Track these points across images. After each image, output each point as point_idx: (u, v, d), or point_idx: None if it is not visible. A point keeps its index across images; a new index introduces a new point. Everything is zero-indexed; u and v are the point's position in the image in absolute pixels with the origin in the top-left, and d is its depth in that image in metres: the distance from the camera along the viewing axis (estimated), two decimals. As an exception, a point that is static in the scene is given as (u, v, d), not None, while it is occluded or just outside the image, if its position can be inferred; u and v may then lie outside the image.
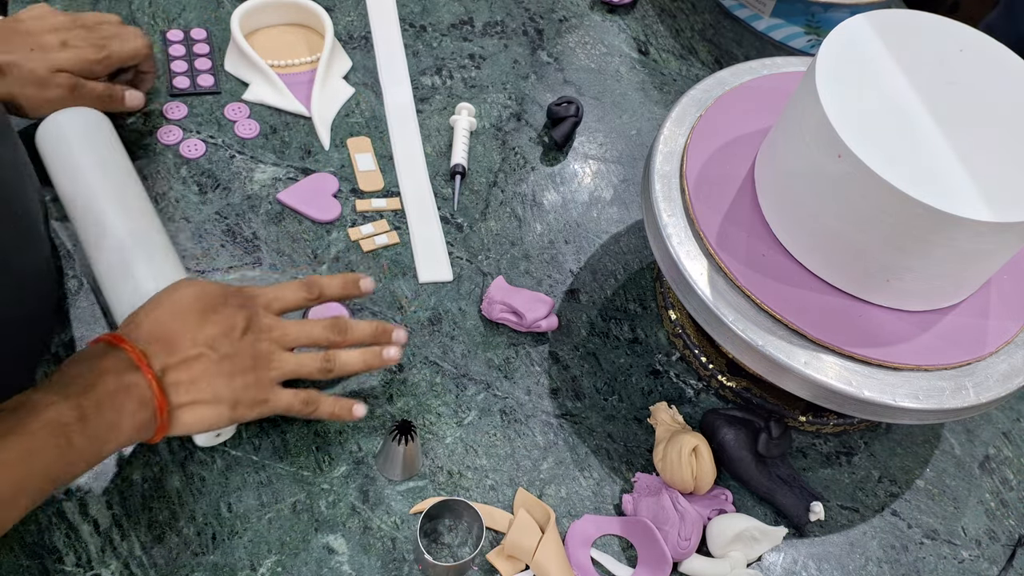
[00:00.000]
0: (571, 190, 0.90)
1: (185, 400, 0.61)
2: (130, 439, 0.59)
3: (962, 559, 0.75)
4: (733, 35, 1.08)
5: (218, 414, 0.62)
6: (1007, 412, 0.84)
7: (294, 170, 0.86)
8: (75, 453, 0.56)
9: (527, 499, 0.71)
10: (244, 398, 0.63)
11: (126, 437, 0.59)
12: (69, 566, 0.64)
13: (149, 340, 0.61)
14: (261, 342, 0.65)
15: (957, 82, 0.64)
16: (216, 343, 0.62)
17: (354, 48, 0.96)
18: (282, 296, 0.68)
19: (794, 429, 0.79)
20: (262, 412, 0.65)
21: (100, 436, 0.57)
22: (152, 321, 0.62)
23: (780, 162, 0.68)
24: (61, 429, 0.54)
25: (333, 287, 0.69)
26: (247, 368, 0.63)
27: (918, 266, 0.63)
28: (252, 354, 0.64)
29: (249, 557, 0.66)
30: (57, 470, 0.55)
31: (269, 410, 0.65)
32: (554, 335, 0.80)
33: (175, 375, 0.61)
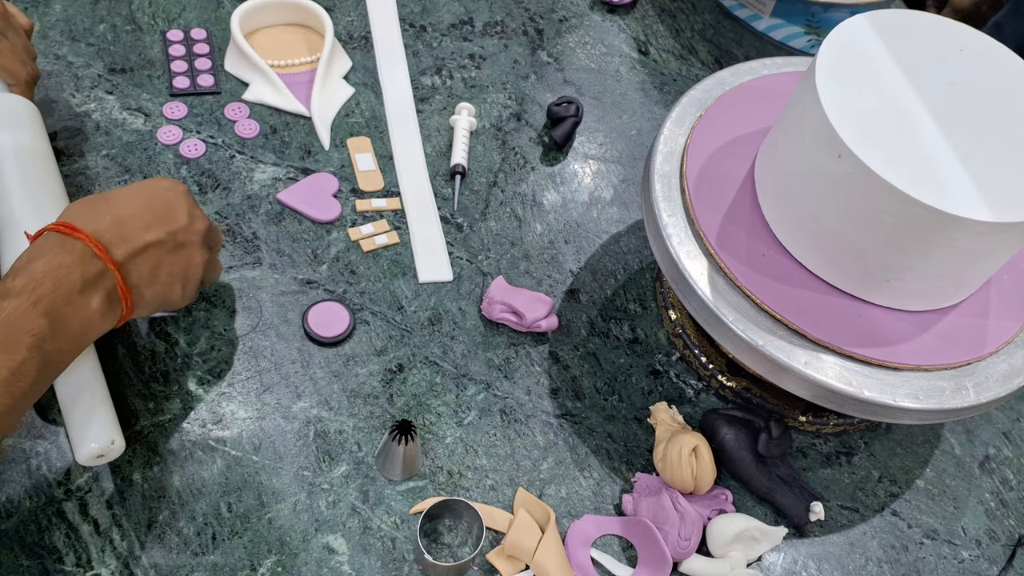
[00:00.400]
0: (571, 190, 0.90)
1: (142, 284, 0.63)
2: (101, 330, 0.60)
3: (962, 559, 0.75)
4: (733, 35, 1.08)
5: (172, 292, 0.65)
6: (1007, 412, 0.84)
7: (294, 170, 0.86)
8: (50, 359, 0.56)
9: (527, 499, 0.71)
10: (192, 278, 0.66)
11: (97, 329, 0.60)
12: (69, 566, 0.64)
13: (103, 228, 0.60)
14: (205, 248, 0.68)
15: (957, 82, 0.64)
16: (172, 233, 0.64)
17: (354, 48, 0.96)
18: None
19: (794, 429, 0.79)
20: (194, 295, 0.68)
21: (73, 334, 0.58)
22: (99, 210, 0.61)
23: (780, 162, 0.68)
24: (35, 341, 0.55)
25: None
26: (192, 260, 0.66)
27: (918, 266, 0.63)
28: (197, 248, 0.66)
29: (249, 557, 0.66)
30: (38, 379, 0.56)
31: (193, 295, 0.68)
32: (554, 335, 0.80)
33: (132, 264, 0.61)
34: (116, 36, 0.91)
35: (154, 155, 0.84)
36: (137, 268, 0.62)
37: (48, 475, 0.67)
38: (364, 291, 0.80)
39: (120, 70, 0.89)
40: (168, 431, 0.70)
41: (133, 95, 0.87)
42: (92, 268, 0.59)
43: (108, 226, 0.61)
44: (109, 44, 0.91)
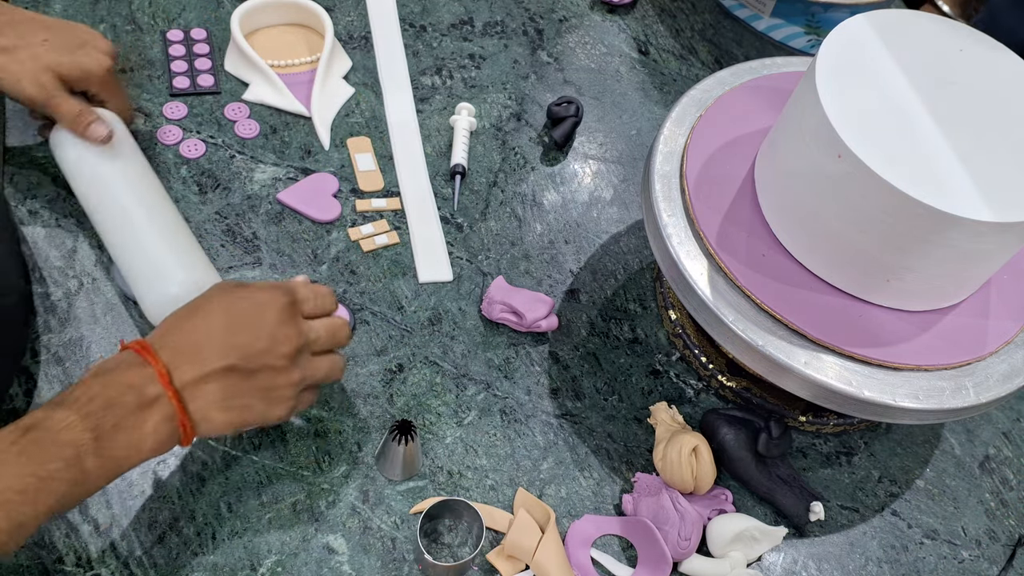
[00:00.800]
0: (571, 190, 0.90)
1: (210, 410, 0.59)
2: (154, 452, 0.57)
3: (962, 559, 0.75)
4: (733, 35, 1.08)
5: (250, 416, 0.61)
6: (1007, 412, 0.84)
7: (294, 170, 0.86)
8: (90, 476, 0.54)
9: (527, 499, 0.71)
10: (274, 400, 0.62)
11: (148, 452, 0.57)
12: (69, 566, 0.64)
13: (176, 350, 0.58)
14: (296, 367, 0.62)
15: (957, 82, 0.64)
16: (248, 357, 0.59)
17: (354, 48, 0.96)
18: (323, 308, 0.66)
19: (794, 429, 0.79)
20: (292, 411, 0.63)
21: (117, 457, 0.55)
22: (181, 330, 0.60)
23: (780, 162, 0.68)
24: (76, 453, 0.53)
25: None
26: (275, 383, 0.61)
27: (918, 266, 0.63)
28: (283, 369, 0.62)
29: (249, 557, 0.66)
30: (71, 494, 0.54)
31: (297, 408, 0.64)
32: (554, 335, 0.80)
33: (197, 390, 0.58)
34: (116, 36, 0.91)
35: (154, 155, 0.84)
36: (203, 395, 0.58)
37: (48, 475, 0.67)
38: (364, 291, 0.80)
39: (120, 70, 0.89)
40: (168, 431, 0.70)
41: (133, 95, 0.87)
42: (150, 392, 0.56)
43: (179, 348, 0.58)
44: (109, 44, 0.91)
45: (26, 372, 0.71)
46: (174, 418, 0.57)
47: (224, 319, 0.60)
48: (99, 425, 0.54)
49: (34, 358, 0.71)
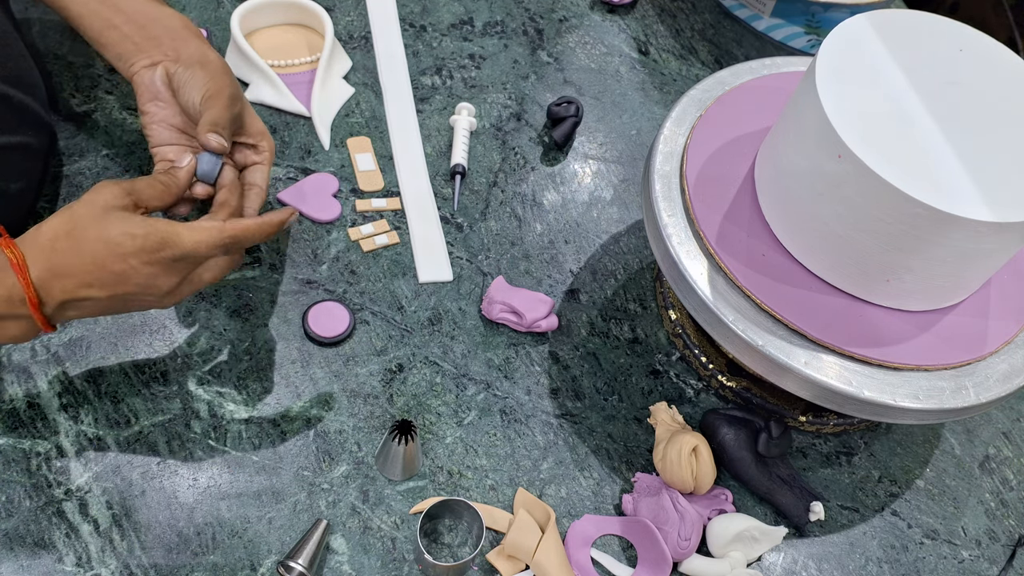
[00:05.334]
0: (571, 190, 0.90)
1: (77, 318, 0.62)
2: (8, 343, 0.61)
3: (962, 559, 0.75)
4: (733, 35, 1.08)
5: (123, 310, 0.63)
6: (1007, 412, 0.84)
7: (294, 170, 0.86)
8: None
9: (527, 499, 0.71)
10: (148, 306, 0.64)
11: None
12: (69, 566, 0.64)
13: (49, 270, 0.59)
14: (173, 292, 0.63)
15: (957, 82, 0.64)
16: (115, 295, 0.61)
17: (354, 48, 0.96)
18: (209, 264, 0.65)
19: (794, 429, 0.79)
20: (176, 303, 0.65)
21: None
22: (55, 250, 0.59)
23: (780, 162, 0.68)
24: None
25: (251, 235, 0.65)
26: (145, 301, 0.63)
27: (918, 266, 0.63)
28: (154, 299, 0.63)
29: (249, 557, 0.66)
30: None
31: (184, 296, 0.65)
32: (554, 335, 0.80)
33: (65, 309, 0.60)
34: (116, 36, 0.91)
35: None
36: (72, 311, 0.61)
37: (48, 475, 0.67)
38: (364, 291, 0.80)
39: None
40: (168, 431, 0.70)
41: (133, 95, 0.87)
42: (19, 311, 0.59)
43: (52, 269, 0.59)
44: (109, 44, 0.91)
45: (26, 372, 0.71)
46: (37, 329, 0.61)
47: (111, 260, 0.59)
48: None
49: (34, 358, 0.71)
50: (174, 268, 0.61)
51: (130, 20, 0.71)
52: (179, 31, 0.72)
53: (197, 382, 0.72)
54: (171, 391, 0.72)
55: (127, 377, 0.72)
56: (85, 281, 0.59)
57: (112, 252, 0.59)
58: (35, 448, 0.68)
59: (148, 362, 0.73)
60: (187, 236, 0.60)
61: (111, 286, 0.60)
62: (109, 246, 0.59)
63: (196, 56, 0.70)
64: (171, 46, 0.71)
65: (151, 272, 0.60)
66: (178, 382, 0.72)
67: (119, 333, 0.74)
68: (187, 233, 0.61)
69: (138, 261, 0.59)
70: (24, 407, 0.69)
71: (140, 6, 0.71)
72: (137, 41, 0.71)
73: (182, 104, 0.70)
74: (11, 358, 0.71)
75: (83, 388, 0.71)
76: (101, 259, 0.59)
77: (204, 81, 0.69)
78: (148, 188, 0.64)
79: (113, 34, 0.71)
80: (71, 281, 0.59)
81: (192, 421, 0.71)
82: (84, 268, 0.59)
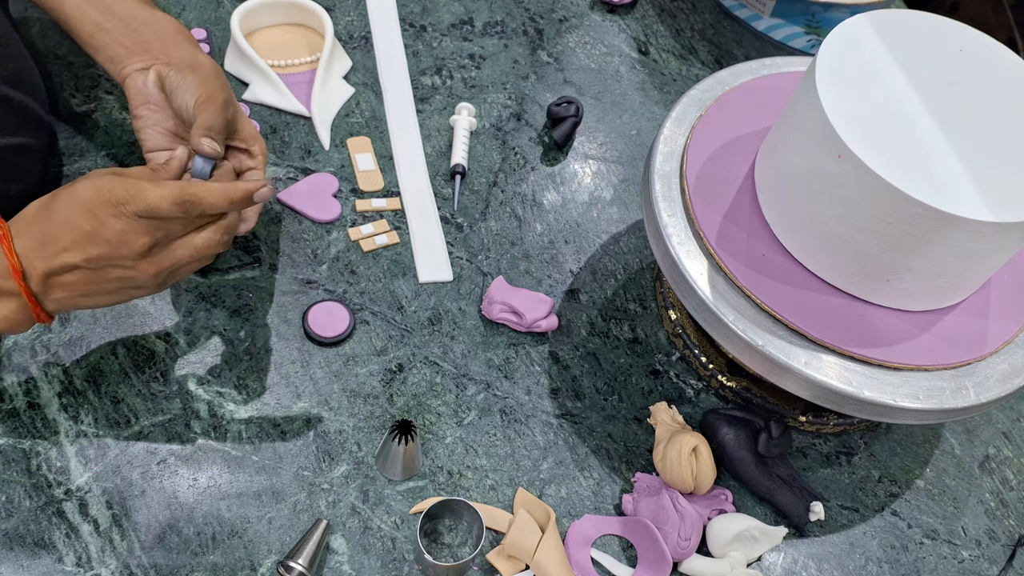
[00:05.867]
0: (571, 190, 0.90)
1: (64, 301, 0.62)
2: (5, 331, 0.61)
3: (962, 559, 0.75)
4: (733, 35, 1.08)
5: (102, 304, 0.64)
6: (1007, 412, 0.84)
7: (294, 170, 0.86)
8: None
9: (527, 499, 0.71)
10: (132, 290, 0.63)
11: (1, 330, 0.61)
12: (69, 566, 0.64)
13: (33, 239, 0.59)
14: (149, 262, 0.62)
15: (957, 82, 0.64)
16: (92, 259, 0.60)
17: (354, 48, 0.96)
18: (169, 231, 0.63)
19: (794, 429, 0.79)
20: (160, 290, 0.65)
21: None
22: (40, 219, 0.60)
23: (780, 162, 0.68)
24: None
25: (215, 199, 0.63)
26: (128, 276, 0.62)
27: (918, 266, 0.63)
28: (133, 267, 0.62)
29: (249, 557, 0.66)
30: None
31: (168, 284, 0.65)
32: (554, 335, 0.80)
33: (50, 283, 0.61)
34: (116, 36, 0.91)
35: (154, 155, 0.84)
36: (56, 287, 0.61)
37: (48, 475, 0.67)
38: (364, 291, 0.80)
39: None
40: (168, 431, 0.70)
41: (133, 95, 0.87)
42: (4, 285, 0.60)
43: (36, 238, 0.59)
44: (109, 44, 0.91)
45: (26, 372, 0.71)
46: (27, 308, 0.61)
47: (81, 217, 0.60)
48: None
49: (34, 358, 0.71)
50: (142, 226, 0.60)
51: (121, 23, 0.71)
52: (170, 35, 0.71)
53: (197, 382, 0.72)
54: (171, 391, 0.72)
55: (127, 377, 0.72)
56: (61, 245, 0.59)
57: (82, 208, 0.59)
58: (35, 448, 0.68)
59: (148, 362, 0.73)
60: (149, 190, 0.60)
61: (83, 245, 0.59)
62: (78, 203, 0.59)
63: (187, 60, 0.70)
64: (161, 50, 0.71)
65: (119, 228, 0.59)
66: (178, 382, 0.72)
67: (119, 333, 0.74)
68: (149, 187, 0.60)
69: (105, 215, 0.59)
70: (24, 407, 0.69)
71: (131, 9, 0.71)
72: (127, 44, 0.70)
73: (175, 108, 0.70)
74: (11, 358, 0.71)
75: (83, 388, 0.71)
76: (72, 217, 0.59)
77: (196, 85, 0.69)
78: (140, 175, 0.63)
79: (104, 37, 0.71)
80: (49, 248, 0.59)
81: (192, 421, 0.71)
82: (59, 230, 0.59)
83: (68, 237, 0.59)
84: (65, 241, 0.59)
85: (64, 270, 0.60)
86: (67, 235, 0.59)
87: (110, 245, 0.60)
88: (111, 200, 0.59)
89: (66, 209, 0.59)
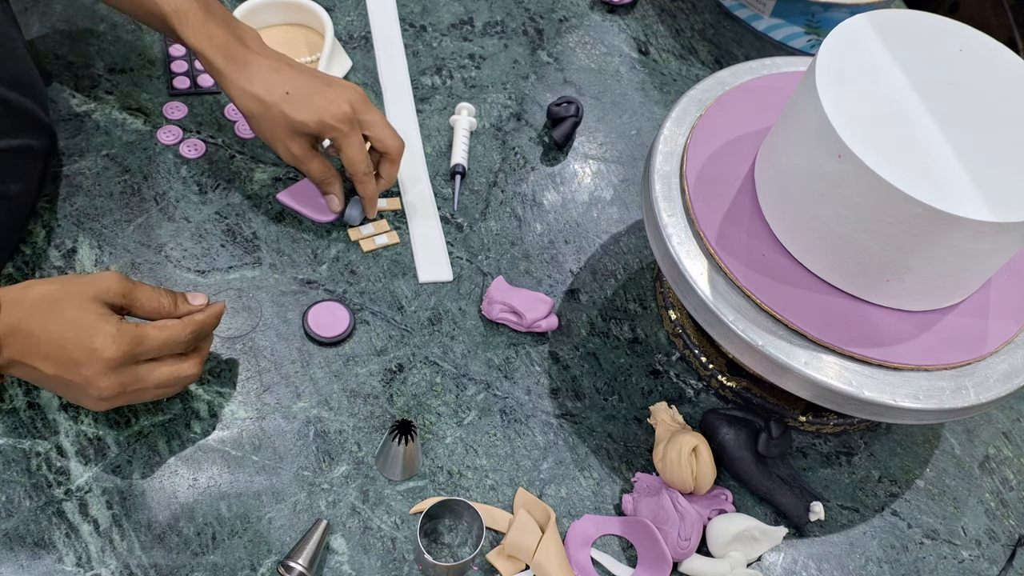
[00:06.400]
0: (571, 190, 0.90)
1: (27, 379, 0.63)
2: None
3: (962, 559, 0.75)
4: (733, 35, 1.08)
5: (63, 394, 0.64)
6: (1007, 412, 0.84)
7: (294, 170, 0.86)
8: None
9: (527, 499, 0.71)
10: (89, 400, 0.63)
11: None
12: (69, 566, 0.64)
13: (12, 330, 0.60)
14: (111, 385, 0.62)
15: (957, 82, 0.64)
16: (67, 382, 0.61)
17: (354, 48, 0.96)
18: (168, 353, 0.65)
19: (794, 429, 0.79)
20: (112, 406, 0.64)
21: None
22: (25, 316, 0.60)
23: (780, 162, 0.68)
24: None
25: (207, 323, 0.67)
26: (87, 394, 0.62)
27: (918, 266, 0.63)
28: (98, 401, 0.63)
29: (249, 557, 0.66)
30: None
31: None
32: (554, 335, 0.80)
33: (17, 369, 0.62)
34: (116, 36, 0.91)
35: (154, 155, 0.84)
36: (22, 372, 0.62)
37: (48, 475, 0.67)
38: (364, 291, 0.80)
39: (120, 70, 0.89)
40: (168, 431, 0.70)
41: (133, 95, 0.87)
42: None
43: (14, 330, 0.60)
44: (109, 44, 0.91)
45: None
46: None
47: (67, 332, 0.60)
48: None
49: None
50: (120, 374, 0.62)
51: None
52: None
53: (197, 382, 0.72)
54: (171, 391, 0.72)
55: (127, 377, 0.72)
56: (41, 352, 0.60)
57: (78, 341, 0.60)
58: (35, 448, 0.68)
59: (148, 362, 0.73)
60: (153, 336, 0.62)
61: (61, 366, 0.60)
62: (81, 334, 0.60)
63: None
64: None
65: (96, 375, 0.61)
66: (178, 382, 0.72)
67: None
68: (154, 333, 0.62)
69: (95, 366, 0.60)
70: (24, 407, 0.69)
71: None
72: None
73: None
74: (11, 358, 0.71)
75: (83, 388, 0.71)
76: (68, 341, 0.60)
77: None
78: (147, 299, 0.64)
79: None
80: (28, 346, 0.60)
81: (192, 421, 0.71)
82: (48, 342, 0.60)
83: (51, 352, 0.60)
84: (46, 350, 0.60)
85: (31, 368, 0.61)
86: (52, 349, 0.60)
87: (85, 380, 0.61)
88: (113, 357, 0.60)
89: (63, 326, 0.60)
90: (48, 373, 0.60)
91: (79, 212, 0.79)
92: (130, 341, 0.61)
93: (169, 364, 0.64)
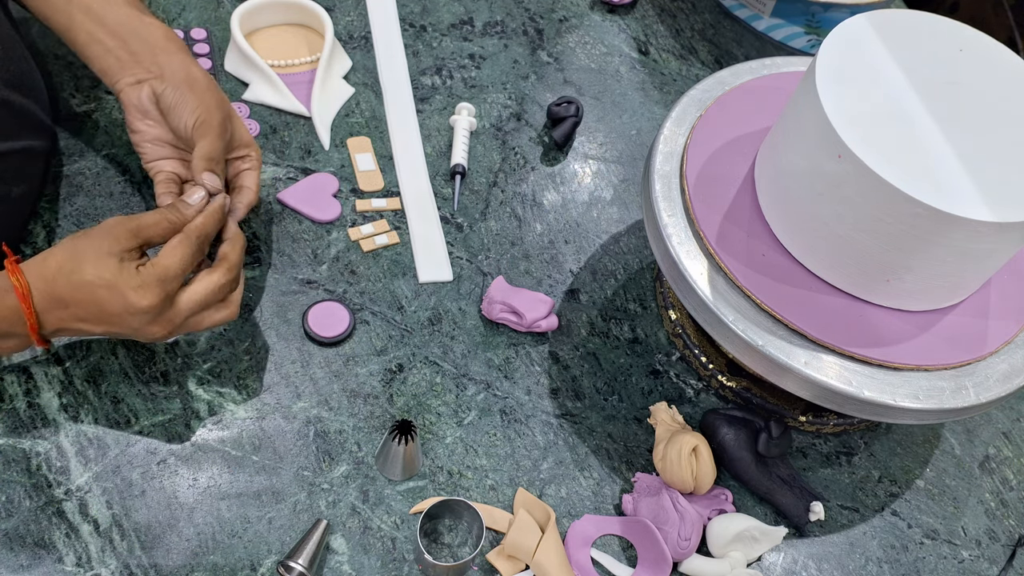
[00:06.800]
0: (571, 190, 0.90)
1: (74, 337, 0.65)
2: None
3: (962, 559, 0.75)
4: (733, 35, 1.08)
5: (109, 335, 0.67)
6: (1007, 412, 0.84)
7: (294, 170, 0.86)
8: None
9: (527, 499, 0.71)
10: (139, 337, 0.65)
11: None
12: (69, 566, 0.64)
13: (49, 298, 0.61)
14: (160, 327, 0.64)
15: (957, 82, 0.64)
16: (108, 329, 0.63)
17: (354, 48, 0.96)
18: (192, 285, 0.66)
19: (794, 429, 0.79)
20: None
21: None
22: (57, 282, 0.61)
23: (780, 162, 0.68)
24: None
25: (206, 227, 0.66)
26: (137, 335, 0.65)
27: (918, 266, 0.63)
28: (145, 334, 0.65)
29: (249, 557, 0.66)
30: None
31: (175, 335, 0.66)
32: (554, 335, 0.80)
33: (61, 332, 0.63)
34: (116, 36, 0.91)
35: (154, 155, 0.84)
36: (67, 333, 0.64)
37: (48, 475, 0.67)
38: (364, 291, 0.80)
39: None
40: (168, 431, 0.70)
41: (133, 95, 0.87)
42: (17, 330, 0.62)
43: (52, 297, 0.61)
44: (109, 44, 0.91)
45: (26, 372, 0.71)
46: (31, 344, 0.64)
47: (98, 294, 0.61)
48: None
49: (34, 358, 0.71)
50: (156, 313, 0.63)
51: (112, 33, 0.70)
52: (160, 44, 0.71)
53: (197, 382, 0.72)
54: (171, 391, 0.72)
55: (127, 377, 0.72)
56: (80, 316, 0.62)
57: (114, 299, 0.61)
58: (35, 448, 0.68)
59: (148, 362, 0.73)
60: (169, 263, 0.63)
61: (105, 324, 0.62)
62: (112, 292, 0.61)
63: (181, 75, 0.70)
64: (152, 61, 0.70)
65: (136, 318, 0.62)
66: (178, 382, 0.72)
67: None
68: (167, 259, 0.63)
69: (139, 322, 0.62)
70: (24, 407, 0.69)
71: (122, 18, 0.71)
72: (119, 56, 0.70)
73: (172, 127, 0.71)
74: (11, 358, 0.71)
75: (83, 388, 0.71)
76: (101, 302, 0.61)
77: (194, 105, 0.69)
78: (155, 226, 0.65)
79: (96, 48, 0.71)
80: (68, 312, 0.62)
81: (192, 421, 0.71)
82: (82, 305, 0.61)
83: (91, 312, 0.62)
84: (85, 314, 0.62)
85: (78, 331, 0.64)
86: (90, 311, 0.62)
87: (131, 332, 0.63)
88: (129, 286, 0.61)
89: (92, 290, 0.61)
90: (98, 332, 0.63)
91: (79, 212, 0.79)
92: (156, 282, 0.62)
93: (203, 281, 0.65)
